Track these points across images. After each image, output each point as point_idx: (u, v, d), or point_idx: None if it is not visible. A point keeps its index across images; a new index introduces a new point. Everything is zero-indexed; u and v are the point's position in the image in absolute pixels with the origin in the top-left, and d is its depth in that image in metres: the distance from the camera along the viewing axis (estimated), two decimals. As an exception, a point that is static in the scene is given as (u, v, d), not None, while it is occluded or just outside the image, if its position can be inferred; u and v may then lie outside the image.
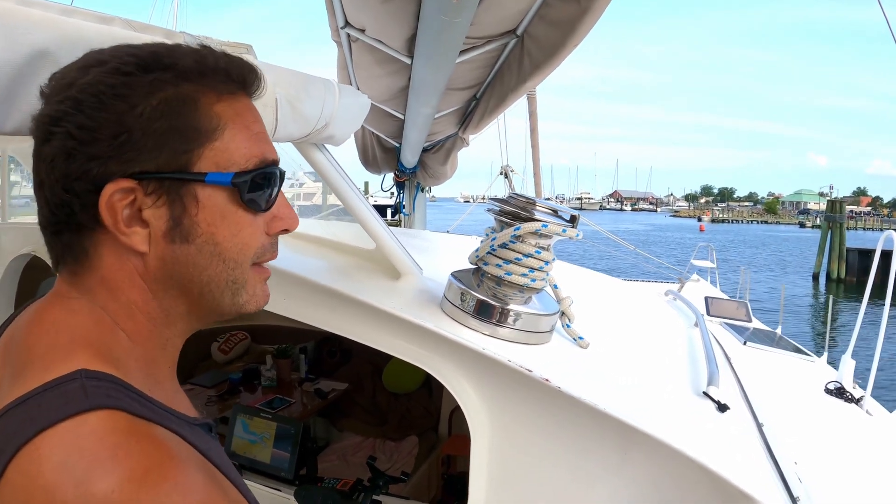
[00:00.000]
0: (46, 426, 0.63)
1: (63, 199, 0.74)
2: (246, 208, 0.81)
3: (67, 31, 0.83)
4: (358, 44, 3.05)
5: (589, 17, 2.28)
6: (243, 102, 0.83)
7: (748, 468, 1.49)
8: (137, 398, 0.72)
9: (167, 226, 0.77)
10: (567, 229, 1.50)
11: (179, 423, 0.76)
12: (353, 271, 1.87)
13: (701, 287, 5.73)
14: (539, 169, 7.18)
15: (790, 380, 3.08)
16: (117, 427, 0.65)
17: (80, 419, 0.64)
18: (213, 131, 0.77)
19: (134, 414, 0.68)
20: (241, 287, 0.84)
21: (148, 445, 0.66)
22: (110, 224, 0.74)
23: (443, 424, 4.00)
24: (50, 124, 0.73)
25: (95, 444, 0.63)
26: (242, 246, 0.82)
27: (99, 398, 0.67)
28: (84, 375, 0.69)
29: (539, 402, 1.49)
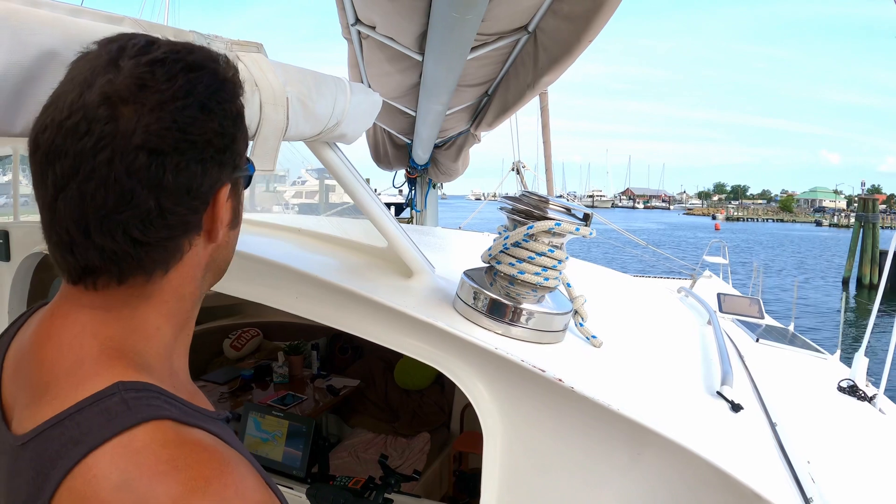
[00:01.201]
0: (95, 445, 0.63)
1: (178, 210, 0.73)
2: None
3: (76, 31, 0.83)
4: (369, 41, 3.05)
5: (602, 11, 2.26)
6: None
7: (761, 469, 1.48)
8: (172, 402, 0.72)
9: (231, 215, 0.83)
10: (580, 228, 1.49)
11: (211, 421, 0.75)
12: (365, 270, 1.87)
13: (713, 283, 5.70)
14: (551, 165, 7.14)
15: (803, 377, 3.06)
16: (168, 438, 0.65)
17: (130, 435, 0.64)
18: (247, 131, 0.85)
19: (179, 421, 0.68)
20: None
21: (202, 453, 0.66)
22: (220, 222, 0.80)
23: (455, 421, 4.00)
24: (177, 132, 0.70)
25: (151, 459, 0.62)
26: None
27: (143, 410, 0.67)
28: (123, 388, 0.68)
29: (552, 401, 1.48)
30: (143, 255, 0.73)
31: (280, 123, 1.19)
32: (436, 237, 3.54)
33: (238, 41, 1.15)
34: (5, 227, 2.84)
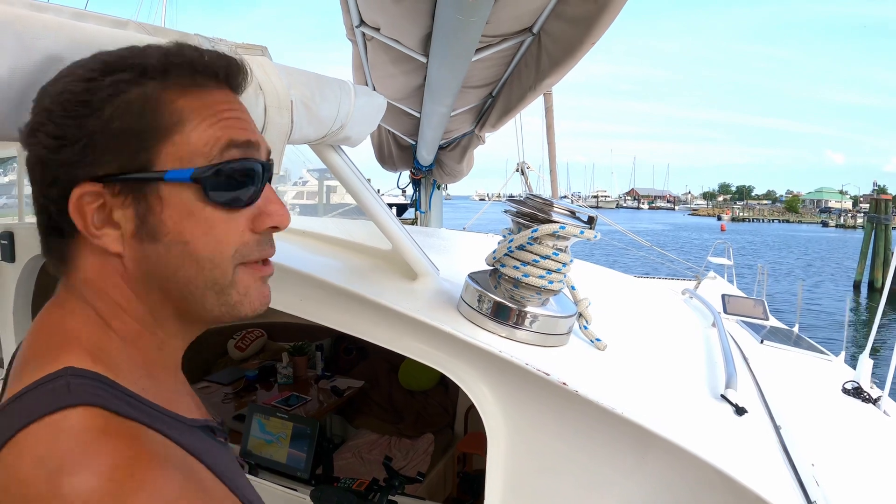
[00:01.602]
0: (30, 421, 0.65)
1: (42, 206, 0.78)
2: (215, 205, 0.78)
3: (80, 36, 0.82)
4: (373, 42, 3.05)
5: (606, 14, 2.25)
6: (215, 94, 0.81)
7: (765, 472, 1.47)
8: (125, 397, 0.73)
9: (134, 225, 0.77)
10: (585, 231, 1.48)
11: (172, 423, 0.76)
12: (370, 272, 1.87)
13: (718, 284, 5.70)
14: (555, 166, 7.15)
15: (807, 379, 3.05)
16: (94, 424, 0.66)
17: (62, 415, 0.66)
18: (174, 126, 0.77)
19: (117, 412, 0.69)
20: (227, 288, 0.81)
21: (121, 443, 0.66)
22: (80, 227, 0.76)
23: (459, 422, 4.01)
24: (28, 136, 0.76)
25: (70, 440, 0.64)
26: (216, 244, 0.79)
27: (82, 395, 0.68)
28: (70, 373, 0.71)
29: (556, 404, 1.48)
30: (46, 247, 0.83)
31: (285, 127, 1.19)
32: (440, 239, 3.54)
33: (242, 44, 1.15)
34: (10, 229, 2.86)
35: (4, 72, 0.75)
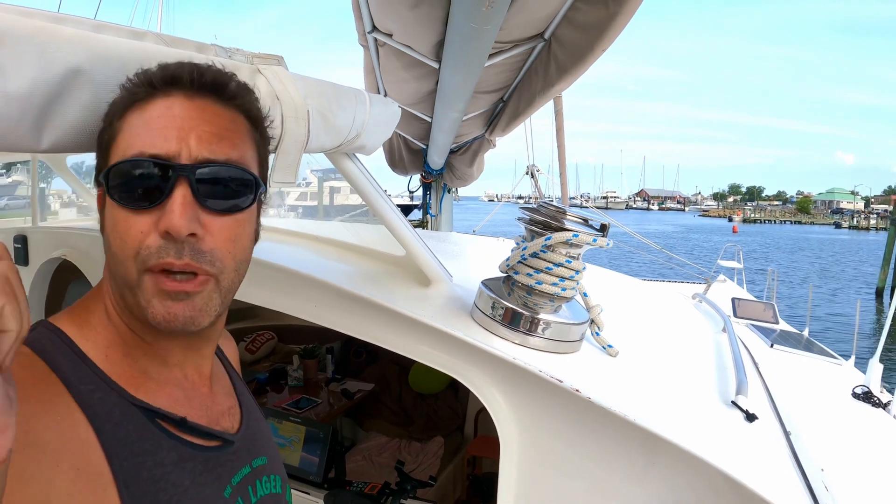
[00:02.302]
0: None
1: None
2: (116, 203, 0.82)
3: (100, 48, 0.84)
4: (385, 48, 3.06)
5: (617, 21, 2.26)
6: (161, 102, 0.83)
7: (775, 478, 1.48)
8: (70, 354, 0.82)
9: (102, 219, 0.87)
10: (597, 238, 1.49)
11: (103, 388, 0.81)
12: (383, 278, 1.88)
13: (727, 288, 5.67)
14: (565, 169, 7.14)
15: (817, 384, 3.04)
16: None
17: None
18: (116, 135, 0.84)
19: (38, 353, 0.79)
20: (136, 289, 0.82)
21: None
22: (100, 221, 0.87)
23: (469, 425, 4.01)
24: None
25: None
26: (118, 241, 0.82)
27: (29, 336, 0.72)
28: (42, 325, 0.86)
29: (568, 411, 1.49)
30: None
31: (301, 136, 1.20)
32: (452, 243, 3.54)
33: (259, 54, 1.16)
34: (23, 232, 2.88)
35: (26, 84, 0.76)
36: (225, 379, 1.10)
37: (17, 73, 0.75)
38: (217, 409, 0.99)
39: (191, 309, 0.83)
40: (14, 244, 2.86)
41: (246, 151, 0.89)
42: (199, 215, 0.82)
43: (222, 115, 0.86)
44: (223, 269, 0.85)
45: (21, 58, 0.75)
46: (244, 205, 0.88)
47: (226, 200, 0.85)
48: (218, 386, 1.04)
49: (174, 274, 0.81)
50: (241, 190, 0.87)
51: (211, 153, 0.83)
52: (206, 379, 0.99)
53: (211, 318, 0.86)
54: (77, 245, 2.59)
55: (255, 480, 0.99)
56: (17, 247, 2.84)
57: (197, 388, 0.96)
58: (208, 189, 0.82)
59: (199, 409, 0.94)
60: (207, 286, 0.84)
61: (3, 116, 0.76)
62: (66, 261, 2.64)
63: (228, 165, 0.85)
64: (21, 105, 0.77)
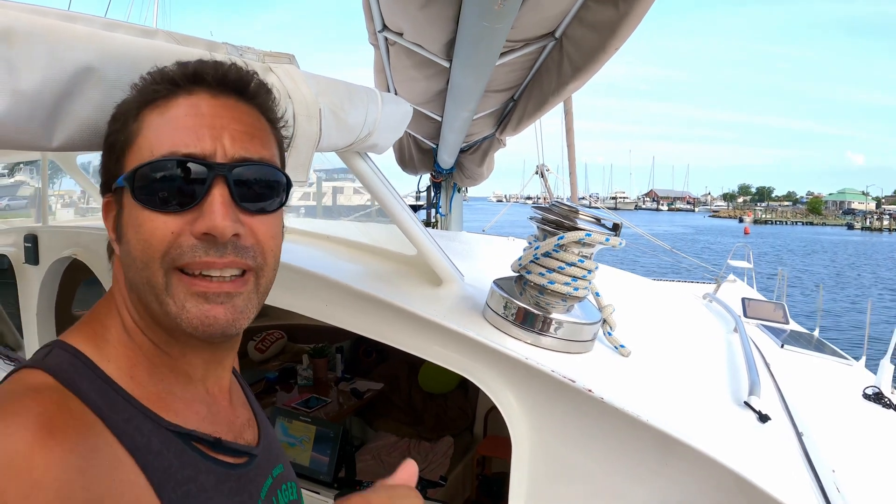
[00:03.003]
0: (12, 372, 0.76)
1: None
2: (142, 206, 0.78)
3: (111, 46, 0.84)
4: (396, 47, 3.06)
5: (628, 21, 2.25)
6: (190, 100, 0.81)
7: (787, 479, 1.46)
8: (94, 378, 0.77)
9: (114, 226, 0.85)
10: (610, 238, 1.49)
11: (136, 416, 0.78)
12: (395, 278, 1.88)
13: (738, 288, 5.64)
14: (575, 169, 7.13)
15: (828, 384, 3.02)
16: (31, 382, 0.73)
17: (25, 371, 0.75)
18: (134, 135, 0.81)
19: (64, 383, 0.74)
20: (162, 294, 0.79)
21: (34, 403, 0.69)
22: (108, 229, 0.86)
23: (478, 425, 4.00)
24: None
25: (7, 388, 0.72)
26: (143, 243, 0.78)
27: (49, 361, 0.77)
28: (57, 346, 0.81)
29: (580, 410, 1.48)
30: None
31: (313, 135, 1.19)
32: (462, 243, 3.54)
33: (270, 53, 1.15)
34: (34, 232, 2.89)
35: (37, 82, 0.76)
36: (238, 389, 1.08)
37: (28, 71, 0.75)
38: (238, 422, 0.97)
39: (231, 311, 0.80)
40: (25, 243, 2.87)
41: (273, 150, 0.88)
42: (237, 215, 0.80)
43: (248, 114, 0.85)
44: (264, 264, 0.84)
45: (32, 56, 0.75)
46: (277, 204, 0.86)
47: (261, 201, 0.83)
48: (235, 397, 1.02)
49: (210, 276, 0.79)
50: (275, 189, 0.85)
51: (246, 152, 0.81)
52: (225, 392, 0.98)
53: (249, 321, 0.84)
54: (87, 244, 2.60)
55: (276, 491, 0.98)
56: (27, 246, 2.85)
57: (219, 403, 0.94)
58: (244, 189, 0.81)
59: (224, 424, 0.92)
60: (247, 286, 0.82)
61: (15, 114, 0.75)
62: (76, 260, 2.65)
63: (263, 164, 0.84)
64: (32, 103, 0.77)
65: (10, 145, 0.79)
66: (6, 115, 0.75)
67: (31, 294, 2.91)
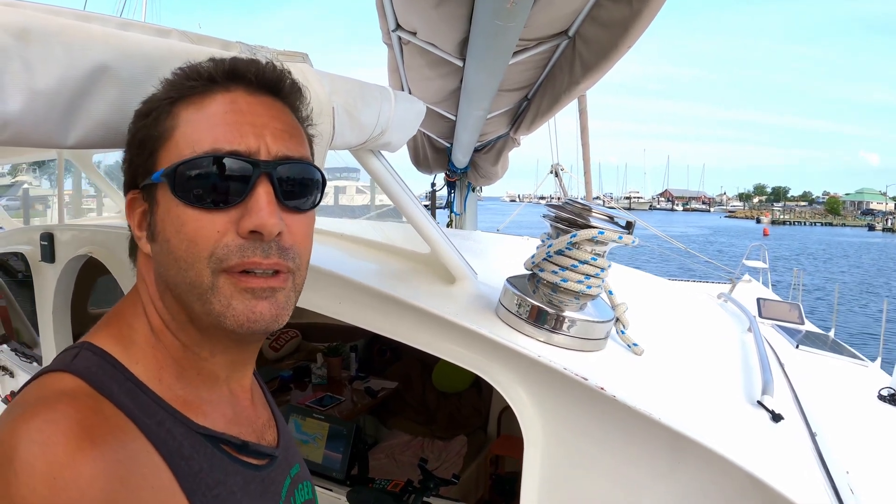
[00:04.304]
0: (35, 377, 0.76)
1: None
2: (184, 202, 0.78)
3: (126, 45, 0.85)
4: (409, 46, 3.06)
5: (641, 19, 2.24)
6: (227, 97, 0.82)
7: (800, 479, 1.46)
8: (123, 381, 0.77)
9: (147, 226, 0.84)
10: (623, 236, 1.48)
11: (169, 422, 0.78)
12: (408, 276, 1.88)
13: (753, 288, 5.61)
14: (589, 168, 7.09)
15: (843, 385, 3.00)
16: (63, 387, 0.72)
17: (49, 376, 0.74)
18: (170, 131, 0.80)
19: (95, 386, 0.73)
20: (207, 294, 0.78)
21: (70, 409, 0.69)
22: (132, 227, 0.85)
23: (492, 424, 4.00)
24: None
25: (37, 394, 0.72)
26: (189, 243, 0.78)
27: (78, 365, 0.76)
28: (86, 347, 0.80)
29: (593, 409, 1.48)
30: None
31: (326, 133, 1.20)
32: (476, 242, 3.54)
33: (284, 51, 1.16)
34: (50, 230, 2.92)
35: (53, 81, 0.77)
36: (258, 389, 1.07)
37: (43, 70, 0.76)
38: (260, 422, 0.98)
39: (275, 306, 0.80)
40: (41, 241, 2.90)
41: (308, 149, 0.89)
42: (280, 214, 0.80)
43: (284, 112, 0.86)
44: (300, 265, 0.84)
45: (48, 55, 0.76)
46: (315, 202, 0.87)
47: (301, 199, 0.84)
48: (256, 397, 1.02)
49: (254, 272, 0.79)
50: (313, 187, 0.86)
51: (288, 150, 0.82)
52: (247, 392, 0.98)
53: (289, 316, 0.84)
54: (103, 242, 2.62)
55: (294, 490, 0.99)
56: (43, 244, 2.88)
57: (241, 403, 0.95)
58: (286, 187, 0.81)
59: (248, 426, 0.93)
60: (288, 283, 0.82)
61: (31, 112, 0.77)
62: (91, 258, 2.67)
63: (303, 163, 0.85)
64: (48, 101, 0.78)
65: (26, 143, 0.80)
66: (23, 113, 0.76)
67: (47, 292, 2.94)
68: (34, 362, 3.31)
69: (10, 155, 3.11)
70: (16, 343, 3.65)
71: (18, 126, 0.76)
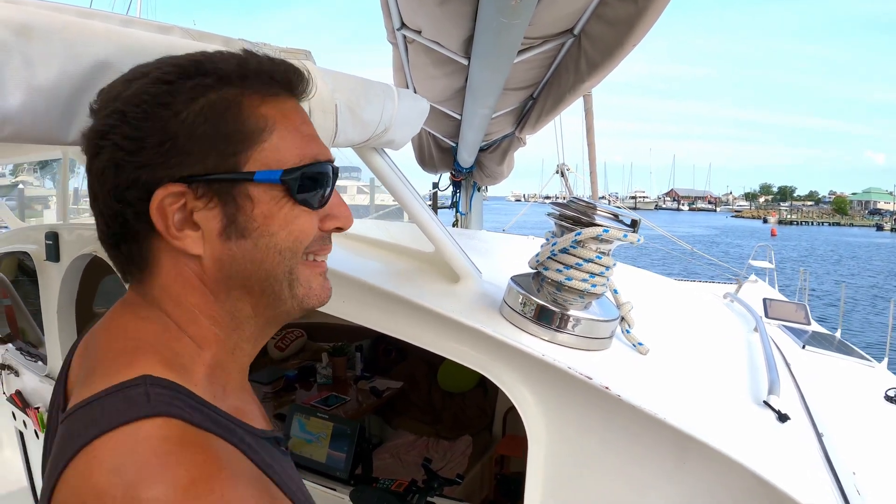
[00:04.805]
0: (107, 429, 0.65)
1: (116, 210, 0.78)
2: (296, 204, 0.82)
3: (127, 42, 0.84)
4: (414, 45, 3.06)
5: (646, 17, 2.24)
6: (290, 104, 0.85)
7: (806, 480, 1.45)
8: (199, 407, 0.73)
9: (221, 225, 0.79)
10: (628, 234, 1.48)
11: (242, 434, 0.77)
12: (412, 274, 1.88)
13: (759, 288, 5.60)
14: (595, 168, 7.08)
15: (849, 386, 2.99)
16: (171, 435, 0.66)
17: (138, 425, 0.66)
18: (261, 132, 0.79)
19: (192, 423, 0.69)
20: (296, 281, 0.85)
21: (199, 455, 0.66)
22: (162, 229, 0.77)
23: (497, 424, 3.99)
24: (98, 138, 0.76)
25: (148, 451, 0.64)
26: (294, 238, 0.83)
27: (160, 405, 0.68)
28: (148, 382, 0.71)
29: (597, 408, 1.47)
30: (115, 253, 0.82)
31: (329, 130, 1.20)
32: (481, 241, 3.54)
33: (286, 49, 1.16)
34: (55, 229, 2.92)
35: (54, 78, 0.77)
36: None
37: (44, 67, 0.76)
38: (262, 410, 1.00)
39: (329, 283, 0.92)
40: (46, 241, 2.90)
41: None
42: None
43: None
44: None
45: (49, 51, 0.76)
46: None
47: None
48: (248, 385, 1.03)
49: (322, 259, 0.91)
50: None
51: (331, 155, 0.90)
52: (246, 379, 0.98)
53: None
54: None
55: None
56: (48, 243, 2.89)
57: (251, 394, 0.97)
58: None
59: (262, 417, 0.95)
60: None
61: (31, 108, 0.76)
62: (96, 257, 2.68)
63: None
64: (49, 97, 0.77)
65: (27, 139, 0.79)
66: (23, 110, 0.75)
67: (51, 291, 2.95)
68: (39, 361, 3.32)
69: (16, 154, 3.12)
70: (21, 342, 3.66)
71: (19, 123, 0.76)
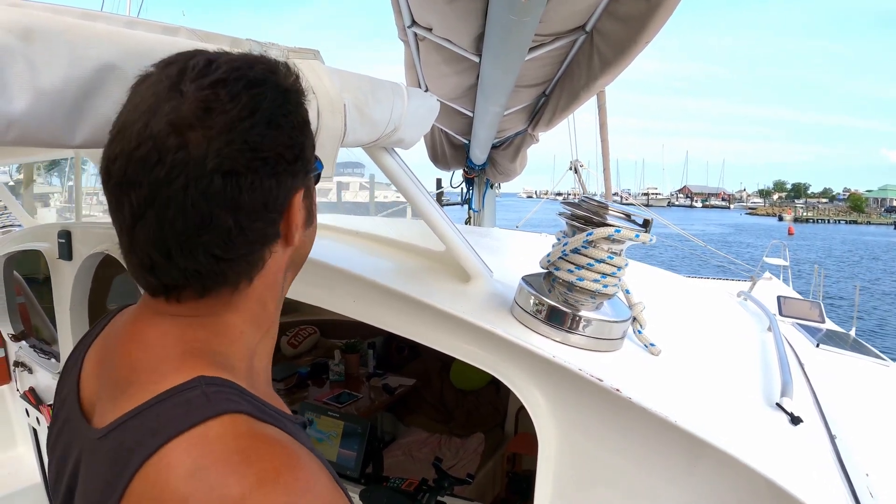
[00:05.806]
0: (173, 435, 0.65)
1: (264, 220, 0.76)
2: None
3: (132, 43, 0.84)
4: (425, 42, 3.05)
5: (659, 13, 2.22)
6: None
7: (818, 483, 1.43)
8: (251, 400, 0.74)
9: (305, 215, 0.86)
10: (640, 234, 1.46)
11: (287, 422, 0.77)
12: (423, 274, 1.87)
13: (773, 286, 5.55)
14: (609, 165, 7.05)
15: (864, 385, 2.96)
16: (242, 431, 0.67)
17: (207, 426, 0.66)
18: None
19: (255, 417, 0.70)
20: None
21: (275, 447, 0.67)
22: (294, 229, 0.82)
23: (509, 422, 3.99)
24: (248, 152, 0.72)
25: (225, 449, 0.64)
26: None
27: (221, 403, 0.69)
28: (204, 382, 0.71)
29: (608, 410, 1.46)
30: (227, 269, 0.76)
31: (338, 130, 1.19)
32: (493, 238, 3.52)
33: (294, 48, 1.15)
34: (68, 228, 2.94)
35: (58, 81, 0.77)
36: None
37: (48, 70, 0.75)
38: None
39: None
40: (59, 239, 2.92)
41: None
42: None
43: None
44: None
45: (53, 54, 0.76)
46: None
47: None
48: None
49: None
50: None
51: None
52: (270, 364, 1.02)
53: None
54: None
55: None
56: (61, 242, 2.90)
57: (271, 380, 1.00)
58: None
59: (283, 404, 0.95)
60: None
61: (36, 111, 0.76)
62: (108, 256, 2.69)
63: None
64: (53, 100, 0.77)
65: (32, 143, 0.79)
66: (28, 113, 0.75)
67: (64, 289, 2.96)
68: (52, 359, 3.34)
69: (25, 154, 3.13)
70: (35, 339, 3.68)
71: (24, 126, 0.76)
